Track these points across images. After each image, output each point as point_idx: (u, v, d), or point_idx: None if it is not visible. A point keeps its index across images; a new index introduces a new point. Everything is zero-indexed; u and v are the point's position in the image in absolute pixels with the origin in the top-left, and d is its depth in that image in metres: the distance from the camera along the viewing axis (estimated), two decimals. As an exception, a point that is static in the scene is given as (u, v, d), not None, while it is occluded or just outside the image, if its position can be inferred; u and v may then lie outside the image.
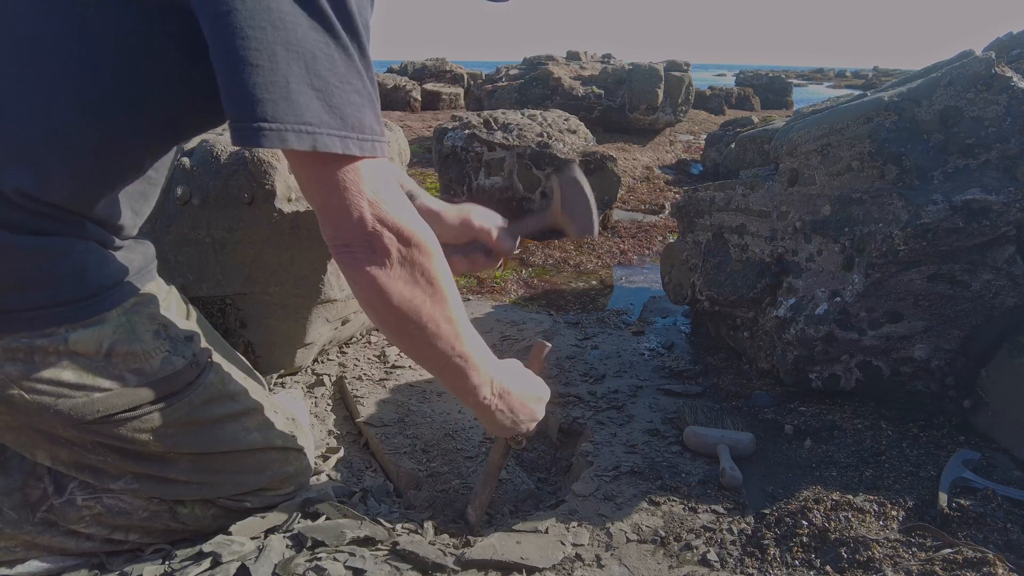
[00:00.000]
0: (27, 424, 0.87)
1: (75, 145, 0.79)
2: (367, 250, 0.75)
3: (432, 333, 0.81)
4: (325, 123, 0.70)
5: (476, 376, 0.90)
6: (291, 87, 0.68)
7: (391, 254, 0.76)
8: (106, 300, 0.87)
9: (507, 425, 1.01)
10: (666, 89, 7.29)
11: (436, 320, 0.81)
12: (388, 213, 0.75)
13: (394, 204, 0.76)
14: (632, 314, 2.66)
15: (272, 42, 0.67)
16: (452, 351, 0.85)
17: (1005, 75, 1.43)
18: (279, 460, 1.08)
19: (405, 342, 0.84)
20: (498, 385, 0.95)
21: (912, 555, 1.04)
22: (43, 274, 0.80)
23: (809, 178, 1.69)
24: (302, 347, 1.72)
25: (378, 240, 0.75)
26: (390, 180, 0.77)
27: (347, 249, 0.75)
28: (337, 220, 0.74)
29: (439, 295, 0.81)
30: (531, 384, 1.05)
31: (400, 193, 0.78)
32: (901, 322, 1.51)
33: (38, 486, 0.96)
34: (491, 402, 0.95)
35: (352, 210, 0.73)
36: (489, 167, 4.08)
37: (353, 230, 0.74)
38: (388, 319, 0.80)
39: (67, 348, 0.84)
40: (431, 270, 0.79)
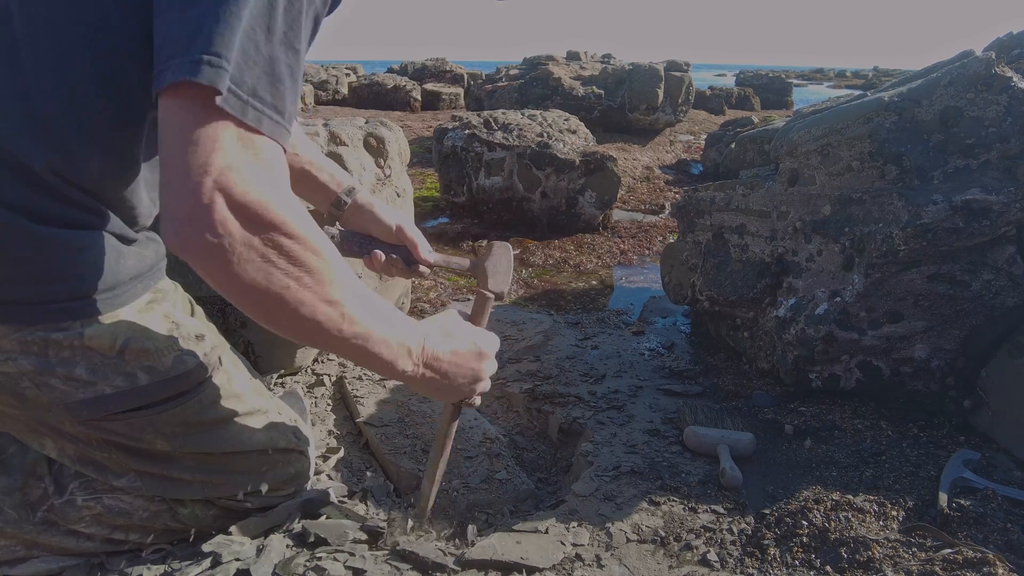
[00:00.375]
0: (35, 417, 0.88)
1: (97, 122, 0.78)
2: (197, 226, 0.63)
3: (307, 318, 0.73)
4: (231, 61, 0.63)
5: (386, 350, 0.82)
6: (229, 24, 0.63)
7: (228, 233, 0.64)
8: (121, 296, 0.87)
9: (446, 391, 0.94)
10: (666, 89, 7.30)
11: (308, 304, 0.73)
12: (236, 184, 0.63)
13: (252, 177, 0.65)
14: (632, 314, 2.66)
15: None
16: (340, 334, 0.77)
17: (1005, 75, 1.43)
18: (281, 461, 1.08)
19: (278, 329, 0.77)
20: (421, 353, 0.87)
21: (912, 555, 1.04)
22: (66, 268, 0.80)
23: (809, 178, 1.69)
24: (302, 347, 1.72)
25: (209, 215, 0.63)
26: (264, 161, 0.67)
27: (174, 223, 0.64)
28: (173, 180, 0.63)
29: (311, 278, 0.72)
30: (467, 340, 0.95)
31: (272, 177, 0.68)
32: (901, 322, 1.51)
33: (38, 485, 0.96)
34: (416, 372, 0.87)
35: (194, 169, 0.62)
36: (489, 167, 4.08)
37: (184, 197, 0.63)
38: (245, 307, 0.73)
39: (82, 343, 0.84)
40: (296, 252, 0.70)
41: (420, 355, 0.87)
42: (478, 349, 0.96)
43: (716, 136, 6.06)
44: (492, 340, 0.99)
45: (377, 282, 1.87)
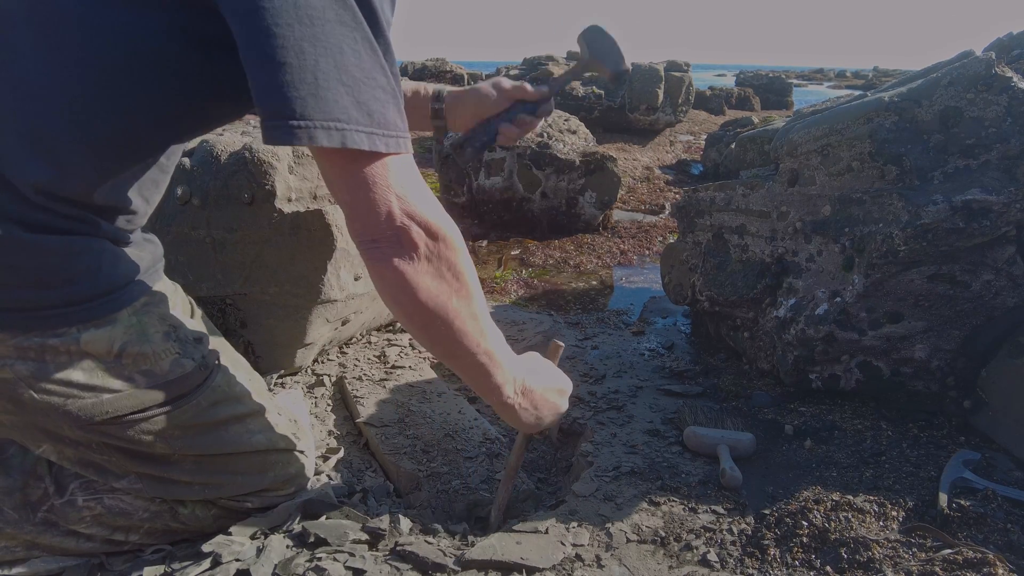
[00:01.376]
0: (34, 423, 0.87)
1: (98, 136, 0.79)
2: (395, 245, 0.75)
3: (458, 329, 0.81)
4: (353, 119, 0.70)
5: (500, 374, 0.90)
6: (319, 83, 0.67)
7: (419, 249, 0.76)
8: (118, 300, 0.87)
9: (530, 422, 1.01)
10: (666, 89, 7.30)
11: (462, 316, 0.81)
12: (416, 208, 0.75)
13: (421, 199, 0.76)
14: (632, 314, 2.66)
15: (300, 38, 0.66)
16: (478, 348, 0.84)
17: (1005, 75, 1.43)
18: (281, 462, 1.08)
19: (431, 339, 0.83)
20: (520, 383, 0.95)
21: (912, 555, 1.04)
22: (60, 273, 0.80)
23: (809, 178, 1.69)
24: (302, 347, 1.72)
25: (406, 235, 0.74)
26: (416, 175, 0.77)
27: (375, 245, 0.75)
28: (365, 216, 0.74)
29: (465, 291, 0.81)
30: (552, 378, 1.06)
31: (425, 188, 0.78)
32: (901, 322, 1.51)
33: (39, 486, 0.96)
34: (514, 400, 0.95)
35: (380, 206, 0.73)
36: (489, 167, 4.08)
37: (381, 226, 0.74)
38: (415, 315, 0.79)
39: (79, 348, 0.84)
40: (457, 265, 0.79)
41: (520, 384, 0.95)
42: (561, 387, 1.07)
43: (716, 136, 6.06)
44: (568, 382, 1.10)
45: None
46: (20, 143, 0.75)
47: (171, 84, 0.80)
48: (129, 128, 0.81)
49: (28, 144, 0.75)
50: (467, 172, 4.14)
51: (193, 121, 0.89)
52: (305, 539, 1.00)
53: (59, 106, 0.76)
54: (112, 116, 0.79)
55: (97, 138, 0.79)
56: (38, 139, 0.76)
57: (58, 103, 0.76)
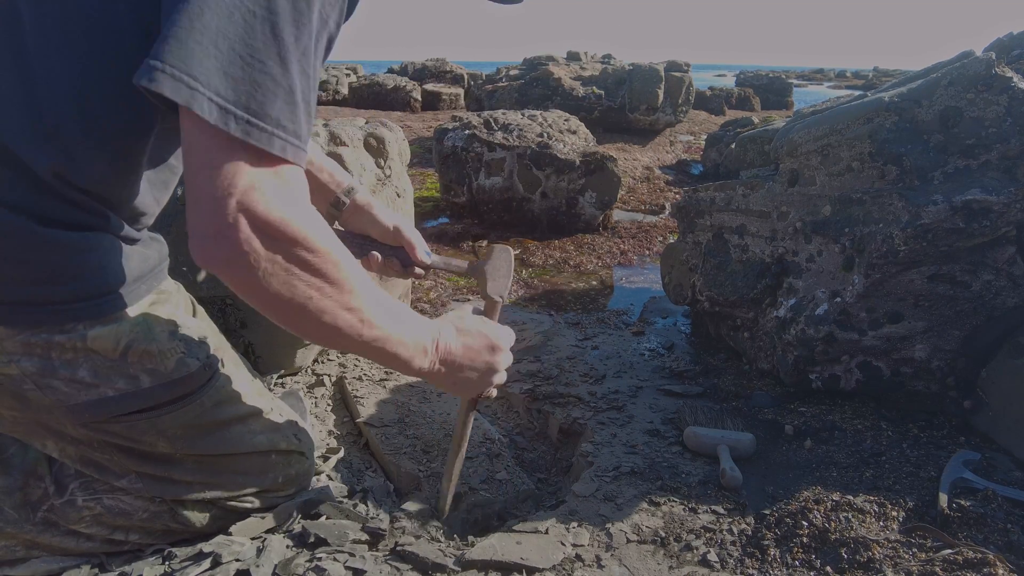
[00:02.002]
0: (37, 419, 0.88)
1: (105, 127, 0.79)
2: (222, 244, 0.67)
3: (329, 325, 0.77)
4: (211, 86, 0.64)
5: (403, 350, 0.86)
6: (192, 36, 0.63)
7: (253, 250, 0.68)
8: (125, 297, 0.87)
9: (463, 385, 0.97)
10: (666, 89, 7.30)
11: (330, 312, 0.76)
12: (258, 203, 0.67)
13: (273, 196, 0.68)
14: (632, 314, 2.66)
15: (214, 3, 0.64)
16: (360, 338, 0.80)
17: (1005, 76, 1.43)
18: (282, 462, 1.08)
19: (302, 335, 0.81)
20: (436, 350, 0.90)
21: (912, 556, 1.04)
22: (70, 269, 0.80)
23: (809, 178, 1.69)
24: (302, 347, 1.72)
25: (234, 233, 0.66)
26: (282, 181, 0.70)
27: (201, 240, 0.68)
28: (198, 202, 0.67)
29: (332, 288, 0.75)
30: (481, 335, 0.97)
31: (293, 195, 0.71)
32: (901, 322, 1.51)
33: (39, 486, 0.96)
34: (432, 367, 0.91)
35: (216, 193, 0.65)
36: (489, 167, 4.08)
37: (211, 218, 0.66)
38: (271, 315, 0.76)
39: (85, 345, 0.84)
40: (317, 265, 0.73)
41: (435, 351, 0.91)
42: (491, 342, 0.98)
43: (716, 136, 6.06)
44: (506, 333, 1.02)
45: (376, 282, 1.87)
46: (34, 129, 0.75)
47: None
48: (134, 123, 0.81)
49: (37, 130, 0.75)
50: (467, 172, 4.14)
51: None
52: (305, 539, 1.00)
53: (67, 98, 0.76)
54: (117, 110, 0.79)
55: (104, 131, 0.79)
56: (49, 128, 0.76)
57: (66, 95, 0.76)
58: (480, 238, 3.87)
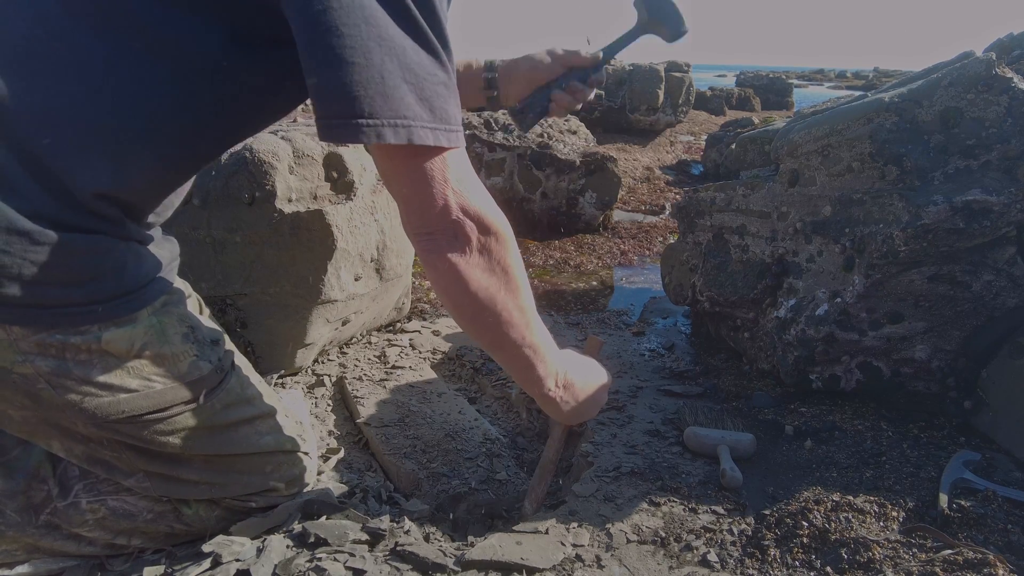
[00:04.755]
0: (48, 418, 0.88)
1: (167, 136, 0.81)
2: (450, 238, 0.77)
3: (506, 321, 0.83)
4: (418, 116, 0.71)
5: (543, 367, 0.92)
6: (386, 82, 0.69)
7: (472, 242, 0.78)
8: (140, 298, 0.87)
9: (570, 414, 1.03)
10: (666, 90, 7.29)
11: (510, 309, 0.83)
12: (470, 202, 0.77)
13: (475, 193, 0.78)
14: (632, 315, 2.66)
15: (366, 38, 0.68)
16: (523, 340, 0.87)
17: (1006, 76, 1.43)
18: (286, 463, 1.08)
19: (479, 330, 0.86)
20: (563, 376, 0.97)
21: (912, 556, 1.04)
22: (87, 272, 0.81)
23: (809, 179, 1.69)
24: (302, 347, 1.72)
25: (460, 228, 0.77)
26: (470, 169, 0.79)
27: (430, 237, 0.77)
28: (421, 209, 0.76)
29: (513, 284, 0.83)
30: (593, 373, 1.08)
31: (478, 182, 0.80)
32: (902, 323, 1.51)
33: (42, 488, 0.96)
34: (556, 393, 0.97)
35: (437, 199, 0.75)
36: (490, 168, 4.08)
37: (437, 219, 0.76)
38: (465, 306, 0.82)
39: (99, 347, 0.84)
40: (507, 259, 0.81)
41: (563, 378, 0.98)
42: (603, 382, 1.09)
43: (716, 137, 6.05)
44: (610, 377, 1.13)
45: (377, 283, 1.87)
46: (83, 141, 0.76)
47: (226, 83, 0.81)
48: (190, 126, 0.82)
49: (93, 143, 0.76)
50: (467, 172, 4.14)
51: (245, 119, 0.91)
52: (305, 539, 1.00)
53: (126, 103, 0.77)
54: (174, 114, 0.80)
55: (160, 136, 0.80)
56: (103, 137, 0.76)
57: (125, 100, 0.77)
58: (480, 238, 3.87)
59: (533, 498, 1.20)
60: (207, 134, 0.85)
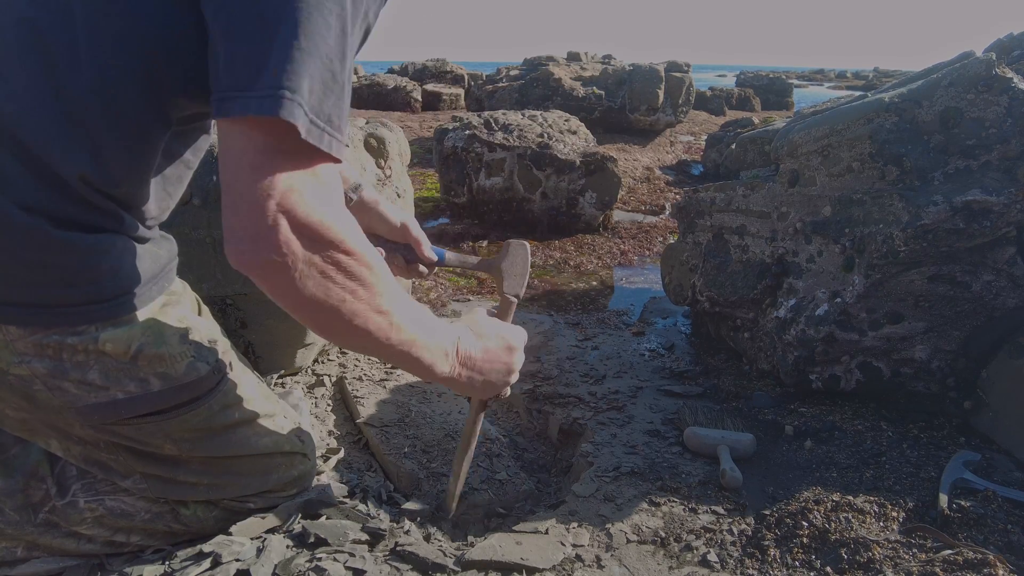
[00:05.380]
0: (45, 419, 0.87)
1: (130, 123, 0.79)
2: (261, 246, 0.66)
3: (360, 328, 0.77)
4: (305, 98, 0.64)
5: (426, 355, 0.86)
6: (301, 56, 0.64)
7: (291, 252, 0.67)
8: (137, 299, 0.87)
9: (481, 388, 0.97)
10: (667, 90, 7.30)
11: (361, 316, 0.76)
12: (299, 206, 0.66)
13: (312, 198, 0.68)
14: (632, 315, 2.66)
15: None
16: (388, 341, 0.80)
17: (1006, 76, 1.43)
18: (285, 464, 1.08)
19: (332, 338, 0.82)
20: (456, 354, 0.91)
21: (912, 556, 1.04)
22: (85, 272, 0.80)
23: (809, 179, 1.69)
24: (302, 347, 1.72)
25: (274, 235, 0.66)
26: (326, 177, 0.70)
27: (238, 243, 0.67)
28: (236, 203, 0.66)
29: (364, 291, 0.76)
30: (498, 336, 0.99)
31: (332, 197, 0.71)
32: (901, 323, 1.51)
33: (40, 487, 0.96)
34: (453, 373, 0.91)
35: (257, 194, 0.65)
36: (490, 168, 4.08)
37: (249, 220, 0.66)
38: (304, 319, 0.76)
39: (96, 348, 0.83)
40: (352, 267, 0.73)
41: (456, 356, 0.91)
42: (507, 343, 0.99)
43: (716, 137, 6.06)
44: (520, 334, 1.03)
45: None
46: (59, 130, 0.75)
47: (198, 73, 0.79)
48: (159, 116, 0.81)
49: (66, 131, 0.75)
50: (468, 172, 4.14)
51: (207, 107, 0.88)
52: (305, 539, 1.00)
53: (94, 92, 0.76)
54: (142, 104, 0.79)
55: (129, 125, 0.79)
56: (75, 125, 0.76)
57: (93, 89, 0.76)
58: (480, 238, 3.87)
59: (454, 474, 1.15)
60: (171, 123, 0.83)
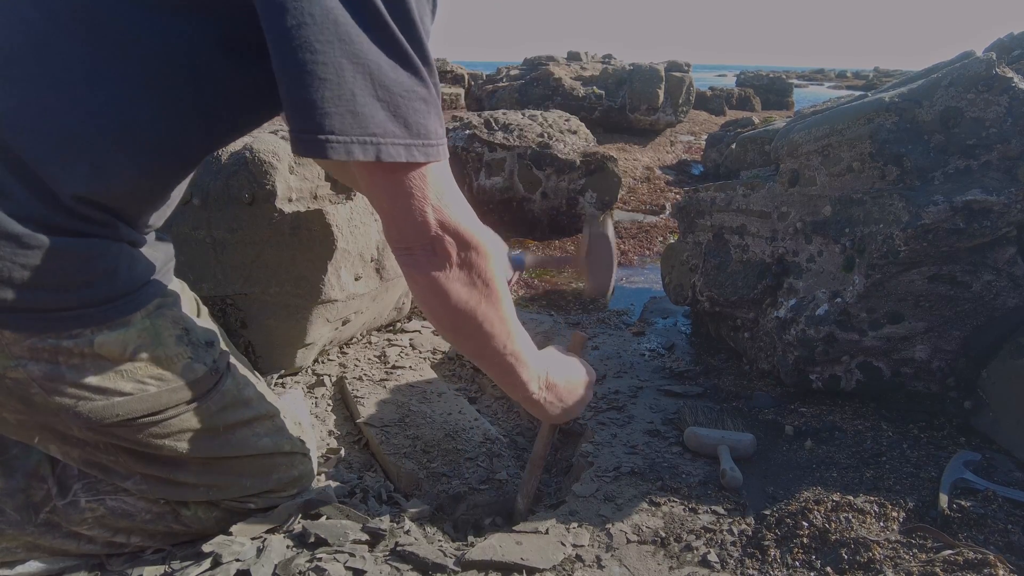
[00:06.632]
0: (43, 422, 0.87)
1: (138, 142, 0.80)
2: (428, 253, 0.78)
3: (487, 332, 0.85)
4: (390, 132, 0.72)
5: (525, 372, 0.94)
6: (357, 100, 0.70)
7: (451, 257, 0.79)
8: (132, 302, 0.87)
9: (556, 414, 1.06)
10: (667, 90, 7.29)
11: (491, 320, 0.84)
12: (450, 217, 0.77)
13: (455, 208, 0.79)
14: (633, 315, 2.66)
15: (339, 56, 0.68)
16: (504, 349, 0.88)
17: (1006, 76, 1.43)
18: (285, 464, 1.08)
19: (461, 341, 0.88)
20: (545, 378, 1.00)
21: (913, 556, 1.04)
22: (79, 276, 0.80)
23: (810, 179, 1.69)
24: (302, 347, 1.72)
25: (439, 244, 0.78)
26: (451, 183, 0.80)
27: (408, 252, 0.78)
28: (401, 224, 0.77)
29: (493, 296, 0.84)
30: (576, 371, 1.10)
31: (460, 195, 0.81)
32: (902, 323, 1.51)
33: (41, 487, 0.96)
34: (540, 396, 1.00)
35: (415, 215, 0.76)
36: (490, 167, 4.08)
37: (415, 234, 0.77)
38: (446, 320, 0.83)
39: (92, 351, 0.83)
40: (486, 272, 0.82)
41: (545, 380, 1.00)
42: (587, 380, 1.11)
43: (717, 137, 6.06)
44: (593, 373, 1.15)
45: (377, 283, 1.87)
46: (60, 147, 0.75)
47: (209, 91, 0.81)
48: (168, 134, 0.81)
49: (68, 148, 0.75)
50: (468, 172, 4.14)
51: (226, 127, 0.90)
52: (305, 539, 1.00)
53: (102, 110, 0.76)
54: (152, 122, 0.79)
55: (137, 143, 0.79)
56: (79, 142, 0.76)
57: (101, 107, 0.76)
58: (480, 238, 3.87)
59: (525, 494, 1.22)
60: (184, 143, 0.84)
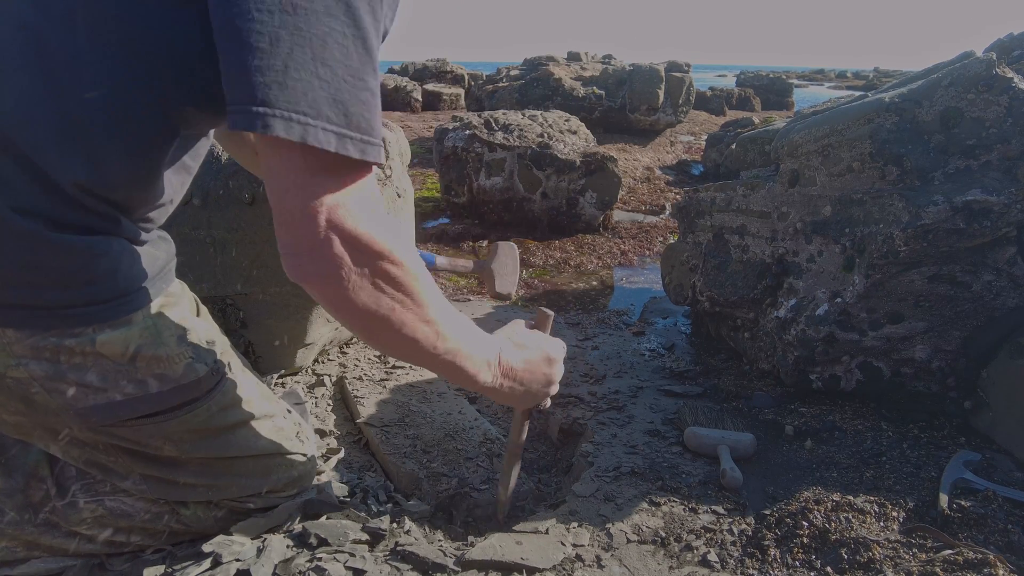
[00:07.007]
0: (43, 422, 0.87)
1: (132, 132, 0.79)
2: (316, 260, 0.69)
3: (408, 337, 0.79)
4: (323, 115, 0.65)
5: (470, 365, 0.88)
6: (288, 72, 0.64)
7: (344, 265, 0.70)
8: (135, 300, 0.86)
9: (522, 398, 1.00)
10: (667, 90, 7.30)
11: (409, 325, 0.78)
12: (346, 220, 0.69)
13: (358, 211, 0.70)
14: (633, 315, 2.66)
15: (277, 26, 0.64)
16: (435, 351, 0.83)
17: (1006, 76, 1.43)
18: (285, 464, 1.08)
19: (381, 347, 0.84)
20: (499, 364, 0.93)
21: (913, 556, 1.04)
22: (82, 273, 0.80)
23: (810, 179, 1.69)
24: (302, 347, 1.72)
25: (327, 249, 0.69)
26: (374, 192, 0.73)
27: (295, 258, 0.70)
28: (290, 221, 0.69)
29: (412, 301, 0.78)
30: (538, 348, 1.01)
31: (379, 208, 0.74)
32: (902, 323, 1.51)
33: (40, 487, 0.96)
34: (495, 382, 0.93)
35: (309, 213, 0.67)
36: (490, 167, 4.08)
37: (302, 236, 0.68)
38: (354, 328, 0.78)
39: (94, 350, 0.83)
40: (400, 278, 0.75)
41: (498, 367, 0.93)
42: (548, 355, 1.02)
43: (717, 137, 6.06)
44: (559, 346, 1.05)
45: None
46: (56, 137, 0.75)
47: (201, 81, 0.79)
48: (161, 124, 0.81)
49: (64, 138, 0.75)
50: (468, 172, 4.14)
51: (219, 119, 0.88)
52: (305, 539, 1.00)
53: (95, 100, 0.75)
54: (145, 112, 0.78)
55: (131, 133, 0.78)
56: (74, 133, 0.75)
57: (94, 97, 0.75)
58: (480, 238, 3.87)
59: (504, 484, 1.18)
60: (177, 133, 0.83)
